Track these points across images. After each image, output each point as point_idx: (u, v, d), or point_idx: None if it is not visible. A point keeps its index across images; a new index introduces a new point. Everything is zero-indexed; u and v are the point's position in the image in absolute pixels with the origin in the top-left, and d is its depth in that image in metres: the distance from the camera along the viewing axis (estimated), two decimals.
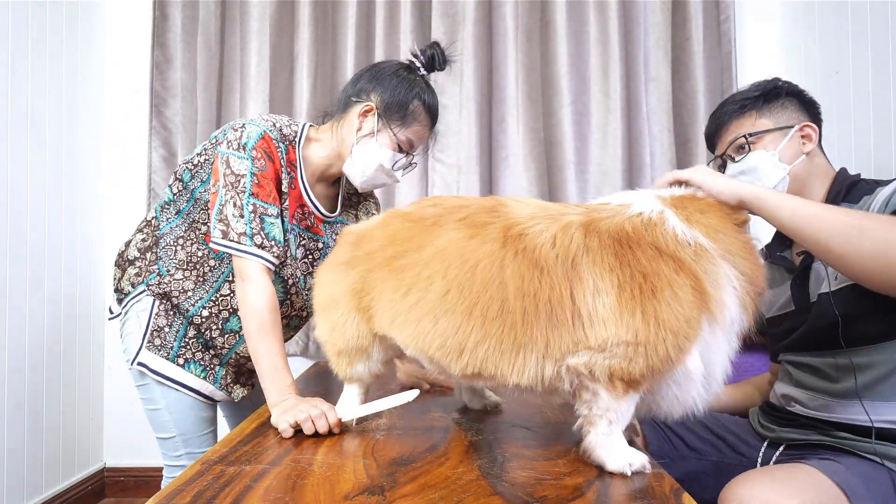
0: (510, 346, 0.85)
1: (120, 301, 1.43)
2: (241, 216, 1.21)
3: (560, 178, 2.41)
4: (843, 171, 1.25)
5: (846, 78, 2.08)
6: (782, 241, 1.34)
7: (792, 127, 1.22)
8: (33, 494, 2.12)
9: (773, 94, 1.26)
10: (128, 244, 1.46)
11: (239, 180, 1.22)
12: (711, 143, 1.34)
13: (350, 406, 1.10)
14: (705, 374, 0.83)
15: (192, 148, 2.43)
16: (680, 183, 1.01)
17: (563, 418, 1.13)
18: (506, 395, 1.18)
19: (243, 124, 1.27)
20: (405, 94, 1.36)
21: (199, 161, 1.37)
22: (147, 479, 2.50)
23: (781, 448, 1.25)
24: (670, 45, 2.42)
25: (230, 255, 1.25)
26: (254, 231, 1.21)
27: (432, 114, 1.41)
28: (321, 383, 1.55)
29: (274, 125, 1.31)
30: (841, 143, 2.12)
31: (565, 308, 0.82)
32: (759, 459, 1.28)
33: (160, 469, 1.42)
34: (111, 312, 1.47)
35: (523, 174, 2.38)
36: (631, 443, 0.98)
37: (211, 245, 1.27)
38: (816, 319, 1.18)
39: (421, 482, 0.77)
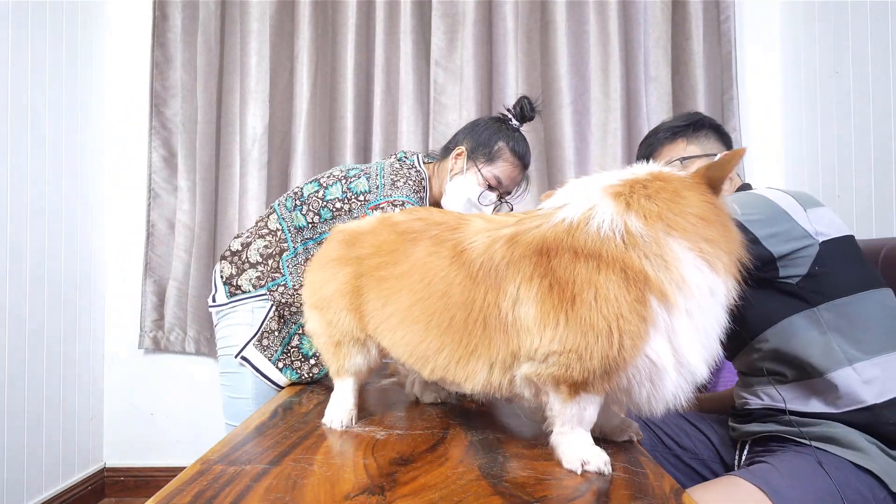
0: (461, 354, 0.89)
1: (232, 294, 1.56)
2: None
3: (560, 177, 2.41)
4: (745, 186, 1.39)
5: (846, 78, 2.08)
6: None
7: (716, 154, 1.35)
8: (33, 494, 2.12)
9: (699, 124, 1.42)
10: (245, 245, 1.59)
11: None
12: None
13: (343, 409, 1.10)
14: (677, 362, 0.78)
15: (193, 148, 2.43)
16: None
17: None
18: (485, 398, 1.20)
19: (403, 202, 1.46)
20: (490, 136, 1.60)
21: (341, 207, 1.53)
22: (147, 479, 2.50)
23: (748, 446, 1.28)
24: (670, 45, 2.42)
25: None
26: None
27: (518, 155, 1.62)
28: (322, 383, 1.55)
29: (420, 194, 1.52)
30: (841, 143, 2.12)
31: (495, 318, 0.85)
32: (735, 461, 1.31)
33: (160, 469, 1.43)
34: (214, 301, 1.59)
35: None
36: (630, 443, 0.98)
37: None
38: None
39: (421, 482, 0.77)
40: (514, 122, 1.65)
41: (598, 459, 0.83)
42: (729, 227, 0.83)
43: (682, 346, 0.78)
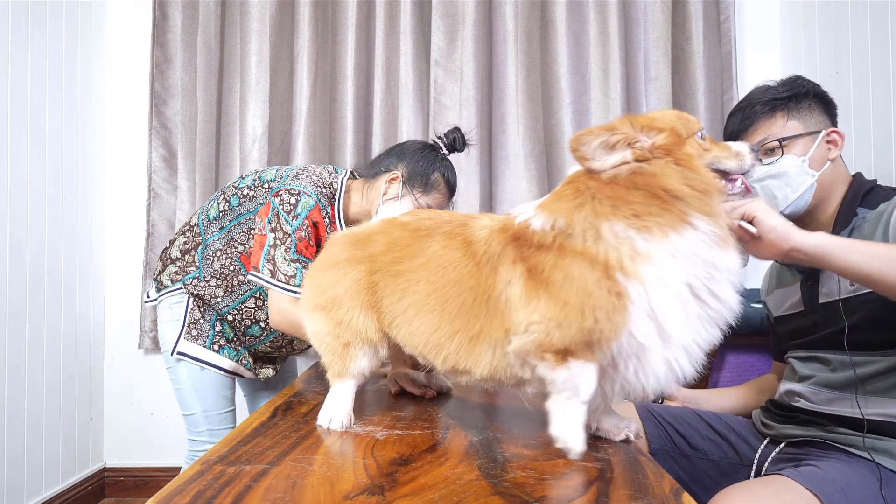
0: (469, 337, 0.93)
1: (158, 290, 1.68)
2: (294, 262, 1.47)
3: (560, 177, 2.41)
4: (858, 175, 1.26)
5: (846, 78, 2.08)
6: None
7: (820, 132, 1.22)
8: (33, 494, 2.12)
9: (802, 94, 1.24)
10: (172, 242, 1.70)
11: (287, 237, 1.47)
12: (731, 137, 1.31)
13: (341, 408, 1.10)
14: (662, 337, 0.80)
15: (193, 148, 2.43)
16: (742, 218, 1.02)
17: None
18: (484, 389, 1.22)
19: (299, 192, 1.49)
20: (428, 166, 1.59)
21: (248, 193, 1.60)
22: (147, 479, 2.50)
23: (781, 446, 1.26)
24: (670, 45, 2.42)
25: (273, 290, 1.48)
26: (303, 277, 1.45)
27: (451, 186, 1.65)
28: (321, 383, 1.55)
29: (322, 191, 1.53)
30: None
31: (494, 299, 0.90)
32: (756, 459, 1.28)
33: (160, 469, 1.49)
34: (148, 297, 1.73)
35: (523, 174, 2.38)
36: (627, 442, 0.98)
37: (253, 277, 1.49)
38: (825, 322, 1.20)
39: (421, 482, 0.77)
40: (444, 150, 1.66)
41: (575, 444, 0.86)
42: (653, 188, 0.83)
43: (664, 320, 0.80)
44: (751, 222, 1.01)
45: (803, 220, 1.28)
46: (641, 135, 0.87)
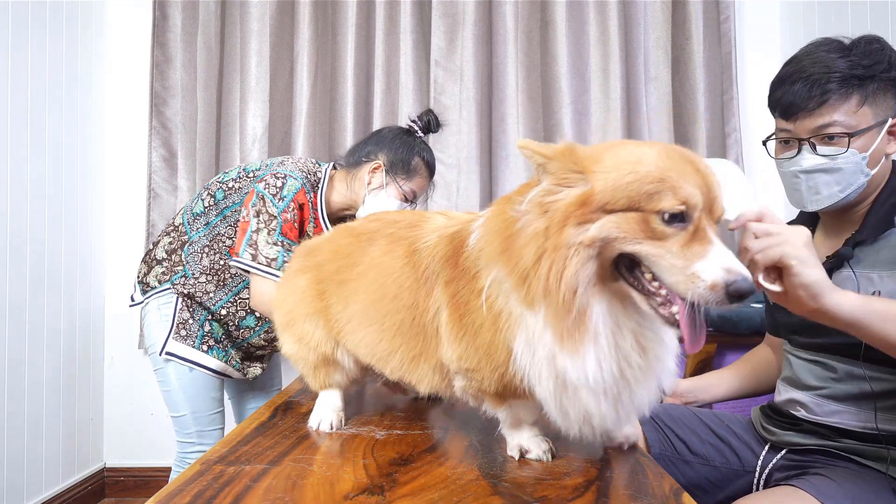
0: (411, 356, 0.91)
1: (144, 292, 1.67)
2: (276, 245, 1.48)
3: None
4: None
5: None
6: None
7: (886, 122, 1.04)
8: (33, 494, 2.12)
9: (884, 75, 1.02)
10: (156, 244, 1.69)
11: (272, 219, 1.49)
12: (788, 110, 1.08)
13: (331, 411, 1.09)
14: (556, 394, 0.73)
15: (193, 148, 2.43)
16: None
17: None
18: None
19: (285, 175, 1.51)
20: (407, 152, 1.62)
21: (233, 185, 1.61)
22: (147, 479, 2.50)
23: (783, 452, 1.22)
24: (670, 45, 2.42)
25: (255, 274, 1.49)
26: (284, 260, 1.47)
27: (430, 168, 1.68)
28: None
29: (307, 177, 1.56)
30: None
31: (428, 322, 0.86)
32: (759, 465, 1.25)
33: (160, 469, 1.48)
34: (132, 300, 1.71)
35: (523, 174, 2.38)
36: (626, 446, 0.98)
37: (235, 263, 1.51)
38: (838, 331, 1.15)
39: (421, 482, 0.77)
40: (420, 133, 1.68)
41: (538, 449, 0.87)
42: (516, 244, 0.72)
43: (540, 386, 0.74)
44: (781, 268, 0.83)
45: (832, 214, 1.15)
46: (571, 176, 0.70)
